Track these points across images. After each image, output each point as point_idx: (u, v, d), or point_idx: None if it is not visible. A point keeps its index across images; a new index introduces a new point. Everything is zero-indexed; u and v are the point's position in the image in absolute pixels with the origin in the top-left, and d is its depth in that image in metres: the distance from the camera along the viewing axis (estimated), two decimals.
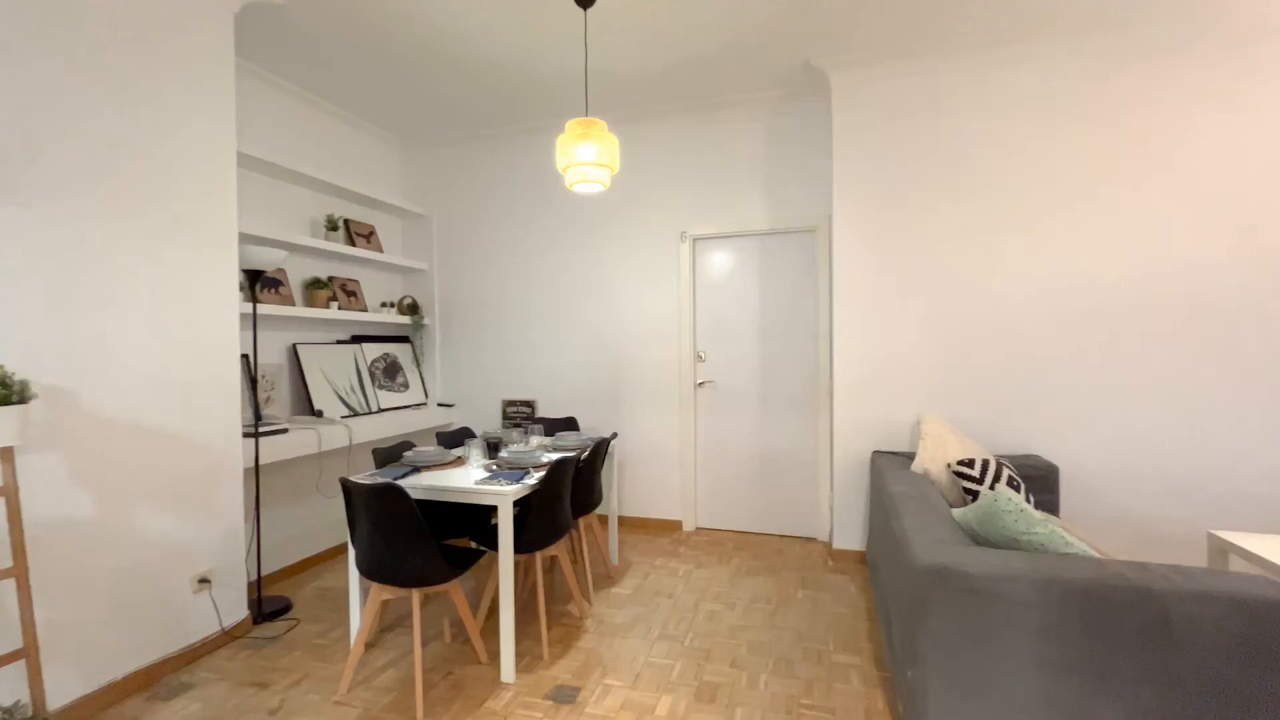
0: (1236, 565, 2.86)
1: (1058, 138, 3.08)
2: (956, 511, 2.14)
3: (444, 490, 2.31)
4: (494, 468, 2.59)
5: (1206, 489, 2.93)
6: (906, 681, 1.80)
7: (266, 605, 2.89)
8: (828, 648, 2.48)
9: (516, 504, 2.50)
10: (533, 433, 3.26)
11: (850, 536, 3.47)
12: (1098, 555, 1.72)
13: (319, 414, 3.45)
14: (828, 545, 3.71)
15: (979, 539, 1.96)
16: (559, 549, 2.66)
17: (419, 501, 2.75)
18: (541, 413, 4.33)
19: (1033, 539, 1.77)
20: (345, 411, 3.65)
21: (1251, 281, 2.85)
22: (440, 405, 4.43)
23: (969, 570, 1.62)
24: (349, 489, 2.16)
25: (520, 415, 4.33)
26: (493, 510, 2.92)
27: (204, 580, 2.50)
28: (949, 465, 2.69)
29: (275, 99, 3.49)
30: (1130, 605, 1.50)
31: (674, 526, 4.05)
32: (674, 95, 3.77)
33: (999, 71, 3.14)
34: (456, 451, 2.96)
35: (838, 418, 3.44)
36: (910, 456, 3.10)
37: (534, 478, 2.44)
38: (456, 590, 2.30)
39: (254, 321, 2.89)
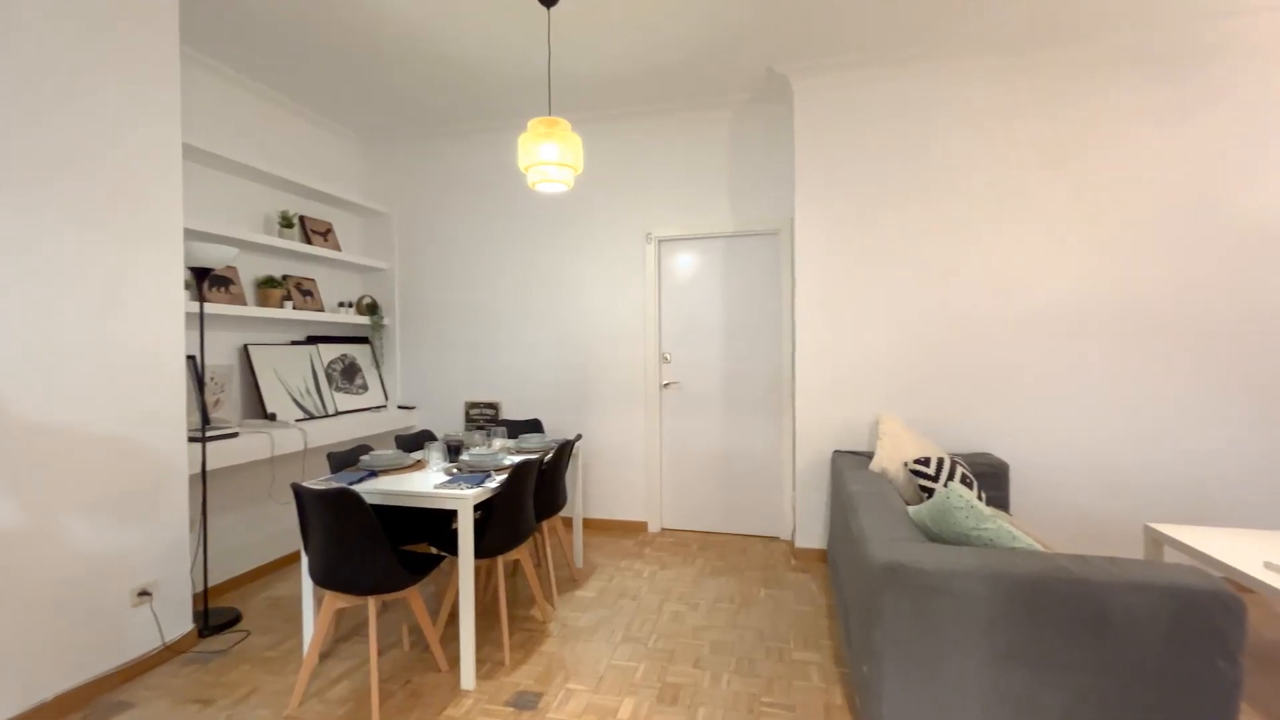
0: (1170, 556, 3.02)
1: (1011, 151, 3.20)
2: (912, 509, 2.19)
3: (402, 495, 2.25)
4: (455, 471, 2.55)
5: (1144, 484, 3.08)
6: (863, 676, 1.84)
7: (214, 617, 2.77)
8: (789, 645, 2.52)
9: (478, 508, 2.46)
10: (496, 435, 3.21)
11: (812, 535, 3.53)
12: (1042, 549, 1.79)
13: (272, 417, 3.33)
14: (790, 544, 3.77)
15: (933, 536, 2.01)
16: (522, 553, 2.63)
17: (376, 507, 2.68)
18: (506, 415, 4.28)
19: (982, 534, 1.82)
20: (300, 414, 3.54)
21: (1183, 292, 3.01)
22: (401, 408, 4.33)
23: (923, 566, 1.66)
24: (301, 495, 2.09)
25: (484, 417, 4.27)
26: (453, 515, 2.87)
27: (144, 593, 2.38)
28: (906, 464, 2.76)
29: (229, 93, 3.36)
30: (1072, 597, 1.56)
31: (639, 528, 4.05)
32: (640, 97, 3.77)
33: (957, 83, 3.25)
34: (416, 455, 2.90)
35: (800, 418, 3.49)
36: (869, 456, 3.17)
37: (496, 481, 2.40)
38: (415, 597, 2.25)
39: (201, 321, 2.77)
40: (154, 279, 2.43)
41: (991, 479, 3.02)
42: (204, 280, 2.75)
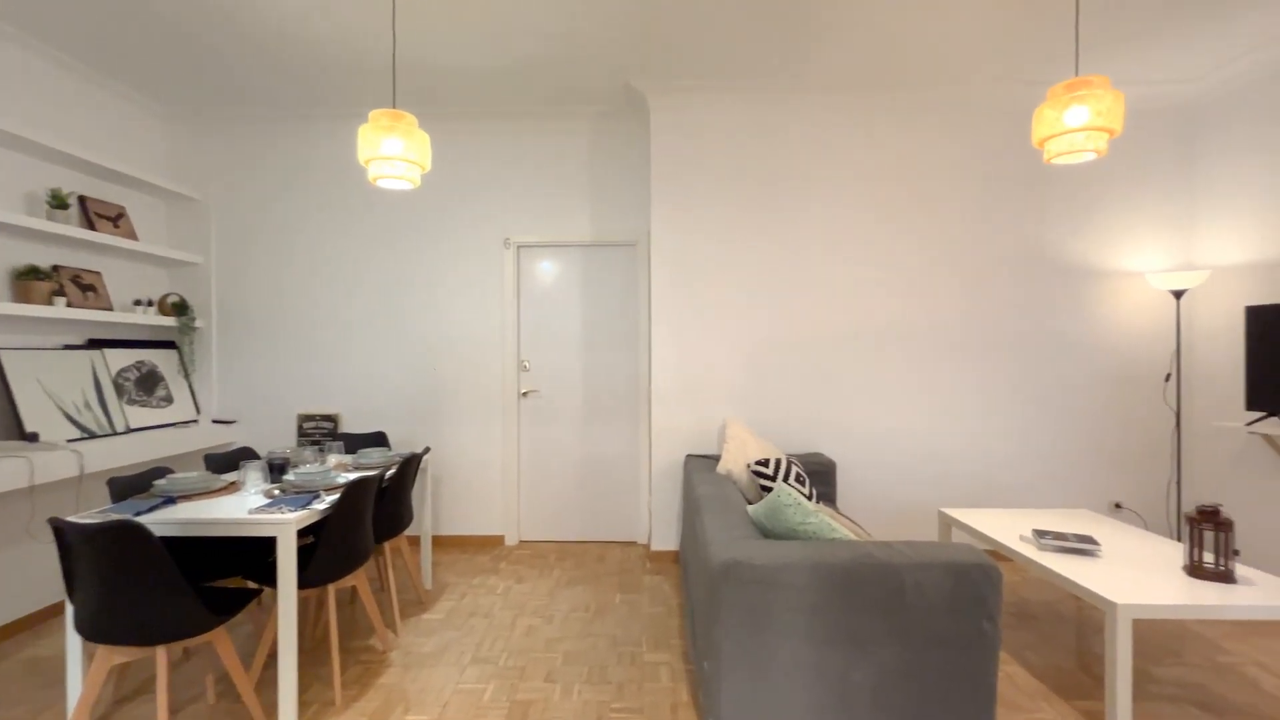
0: (958, 535, 3.55)
1: (843, 181, 3.58)
2: (751, 508, 2.34)
3: (206, 523, 1.96)
4: (276, 493, 2.27)
5: (944, 474, 3.59)
6: (704, 672, 1.92)
7: None
8: (641, 649, 2.57)
9: (306, 532, 2.22)
10: (331, 451, 2.93)
11: (667, 538, 3.65)
12: (855, 538, 2.00)
13: (32, 437, 2.74)
14: (647, 548, 3.86)
15: (767, 533, 2.17)
16: (359, 578, 2.41)
17: (174, 539, 2.31)
18: (346, 428, 3.92)
19: (807, 528, 2.00)
20: (76, 434, 2.95)
21: (973, 313, 3.57)
22: (217, 422, 3.79)
23: (755, 562, 1.77)
24: (63, 531, 1.73)
25: (320, 431, 3.87)
26: (275, 543, 2.55)
27: None
28: (748, 465, 2.95)
29: None
30: (877, 579, 1.76)
31: (495, 542, 3.91)
32: (500, 99, 3.68)
33: (801, 115, 3.57)
34: (230, 476, 2.55)
35: (655, 424, 3.60)
36: (718, 459, 3.35)
37: (326, 501, 2.18)
38: (223, 640, 1.96)
39: None
40: None
41: (822, 476, 3.34)
42: None
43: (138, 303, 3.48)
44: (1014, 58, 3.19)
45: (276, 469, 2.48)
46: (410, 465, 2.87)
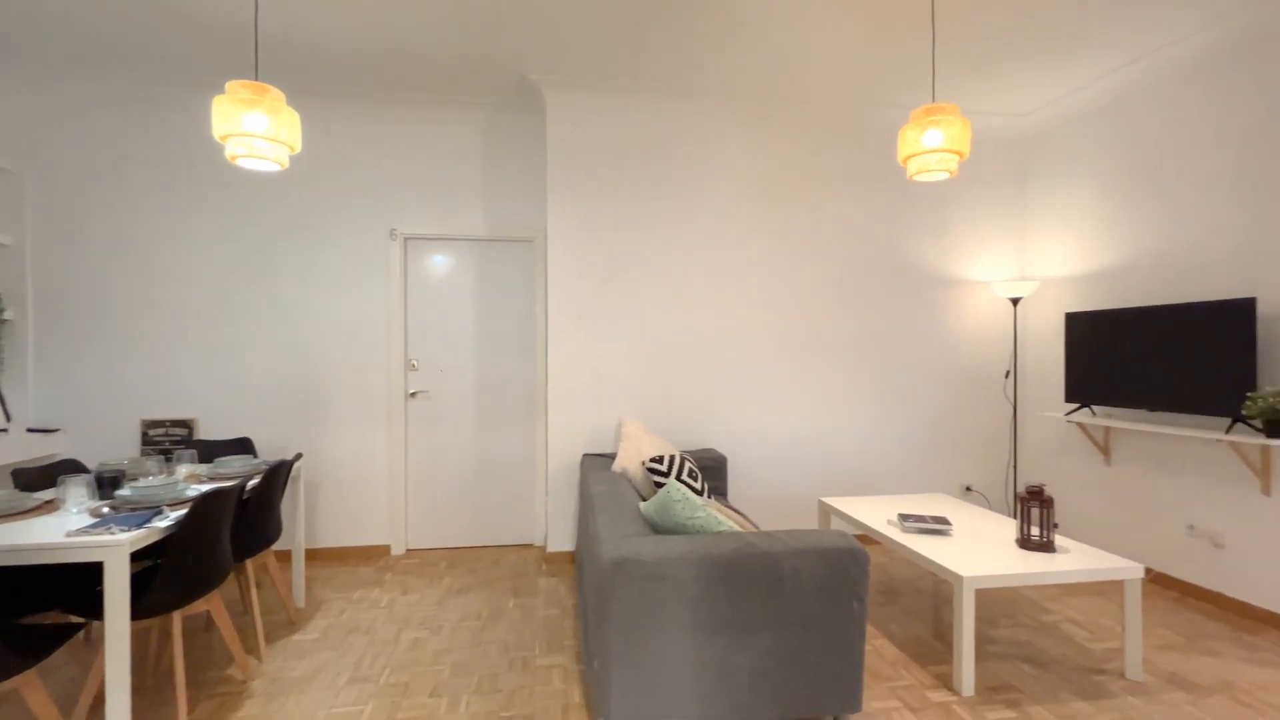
0: (836, 522, 3.81)
1: (733, 188, 3.72)
2: (643, 505, 2.37)
3: (8, 551, 1.67)
4: (105, 511, 1.98)
5: (824, 465, 3.84)
6: (594, 671, 1.92)
7: None
8: (534, 653, 2.52)
9: (148, 554, 1.96)
10: (181, 460, 2.61)
11: (564, 538, 3.61)
12: (740, 529, 2.09)
13: None
14: (543, 550, 3.80)
15: (658, 528, 2.20)
16: (212, 602, 2.16)
17: None
18: (205, 434, 3.51)
19: (695, 522, 2.05)
20: None
21: (844, 316, 3.85)
22: (33, 431, 3.25)
23: (644, 558, 1.79)
24: None
25: (170, 439, 3.44)
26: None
27: None
28: (643, 463, 2.99)
29: None
30: (758, 568, 1.84)
31: (380, 552, 3.68)
32: (385, 84, 3.45)
33: (696, 122, 3.65)
34: (46, 494, 2.19)
35: (552, 423, 3.55)
36: (614, 457, 3.37)
37: (170, 518, 1.93)
38: (33, 685, 1.68)
39: None
40: None
41: (714, 471, 3.45)
42: None
43: None
44: (883, 82, 3.48)
45: (108, 483, 2.16)
46: (278, 473, 2.62)
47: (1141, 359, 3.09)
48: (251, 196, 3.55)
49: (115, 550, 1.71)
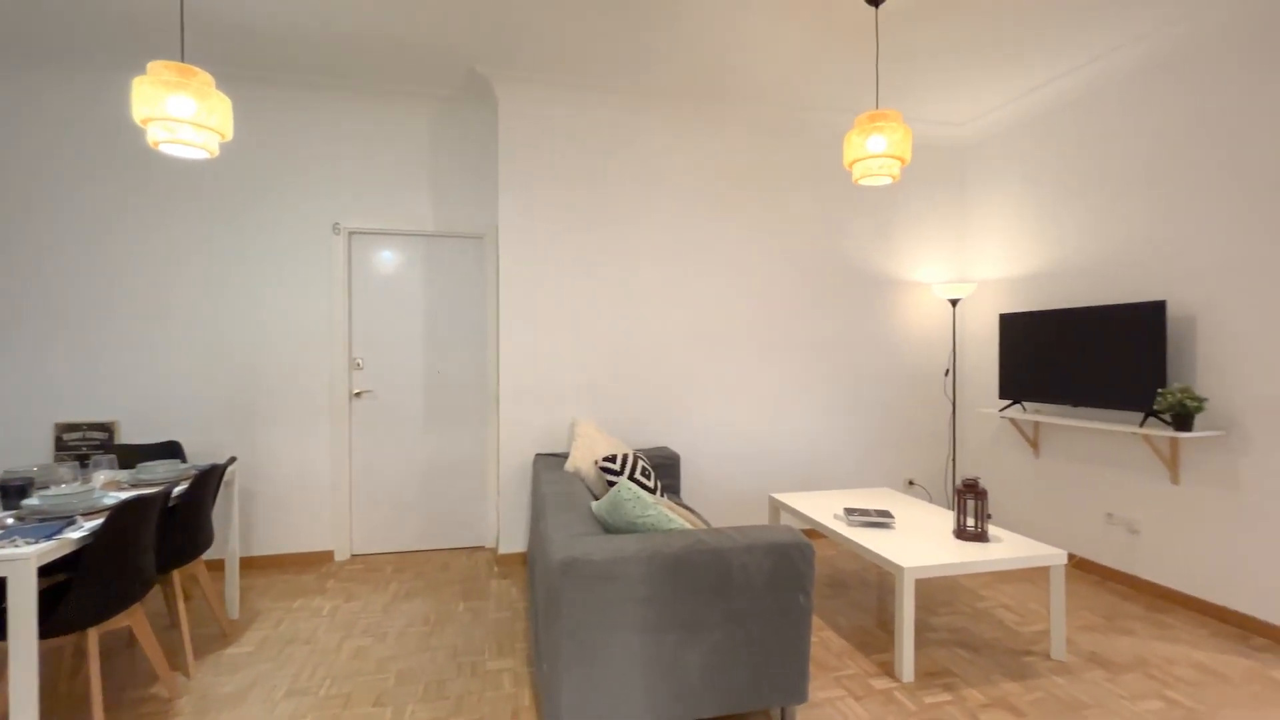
0: (785, 518, 3.90)
1: (679, 188, 3.74)
2: (594, 505, 2.36)
3: None
4: (10, 522, 1.83)
5: (774, 462, 3.92)
6: (544, 674, 1.90)
7: None
8: (483, 657, 2.47)
9: (60, 567, 1.82)
10: (100, 467, 2.44)
11: (516, 539, 3.56)
12: (690, 527, 2.10)
13: None
14: (494, 552, 3.74)
15: (609, 528, 2.20)
16: (134, 616, 2.03)
17: None
18: (127, 438, 3.29)
19: (646, 520, 2.06)
20: None
21: (796, 315, 3.93)
22: None
23: (593, 558, 1.78)
24: None
25: (88, 444, 3.21)
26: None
27: None
28: (596, 462, 2.98)
29: None
30: (708, 565, 1.86)
31: (323, 559, 3.54)
32: (328, 70, 3.32)
33: (644, 123, 3.65)
34: None
35: (504, 423, 3.49)
36: (567, 457, 3.34)
37: (84, 529, 1.80)
38: None
39: None
40: None
41: (667, 469, 3.47)
42: None
43: None
44: (830, 88, 3.57)
45: (14, 492, 2.00)
46: (209, 479, 2.48)
47: (1066, 358, 3.28)
48: (190, 189, 3.35)
49: (19, 564, 1.58)
